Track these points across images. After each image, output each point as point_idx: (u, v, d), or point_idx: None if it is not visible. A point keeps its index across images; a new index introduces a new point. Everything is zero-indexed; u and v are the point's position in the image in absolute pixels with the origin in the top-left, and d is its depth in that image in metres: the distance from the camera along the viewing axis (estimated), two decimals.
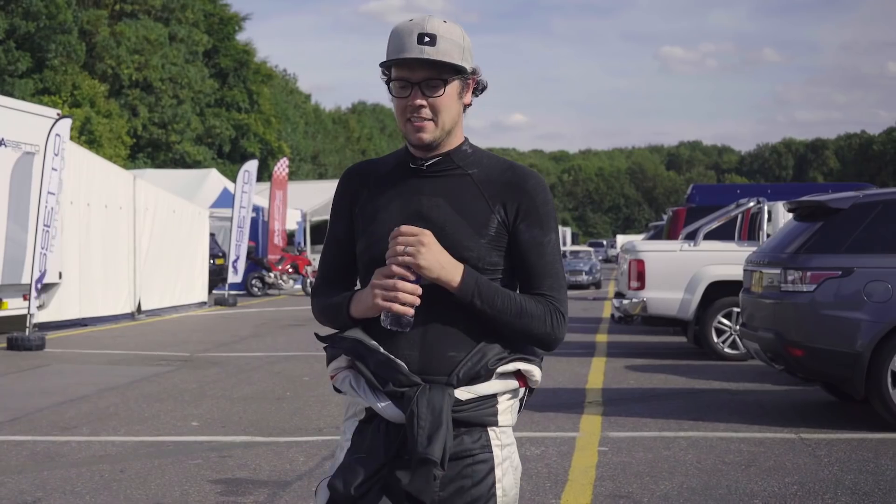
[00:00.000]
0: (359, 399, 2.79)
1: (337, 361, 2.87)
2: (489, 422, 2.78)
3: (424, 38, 2.73)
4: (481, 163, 2.88)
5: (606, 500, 6.41)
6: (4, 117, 15.91)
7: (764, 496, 6.50)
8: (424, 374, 2.72)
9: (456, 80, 2.79)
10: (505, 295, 2.76)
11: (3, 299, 16.17)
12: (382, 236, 2.79)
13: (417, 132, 2.78)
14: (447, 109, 2.79)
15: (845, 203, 9.10)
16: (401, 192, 2.86)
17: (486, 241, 2.78)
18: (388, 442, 2.72)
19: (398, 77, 2.78)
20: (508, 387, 2.81)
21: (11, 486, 6.92)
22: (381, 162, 2.99)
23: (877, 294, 8.62)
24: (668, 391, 11.08)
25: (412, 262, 2.66)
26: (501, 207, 2.81)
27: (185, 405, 10.27)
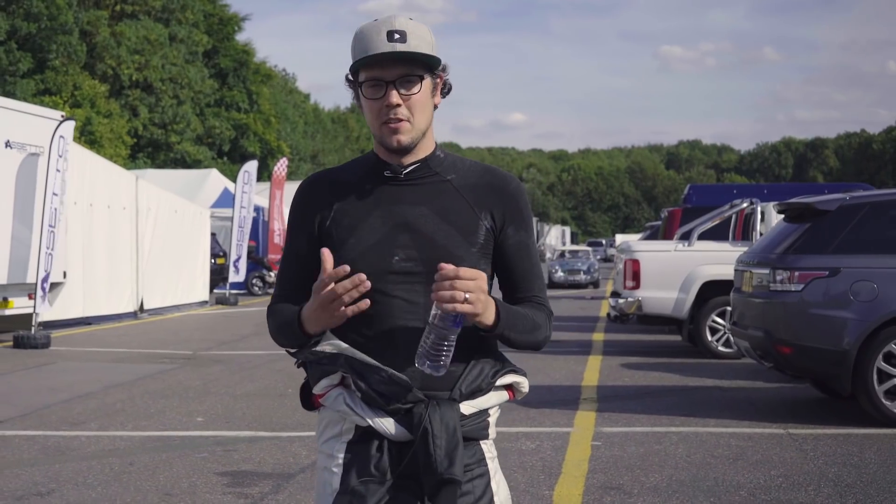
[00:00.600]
0: (355, 418, 2.65)
1: (328, 379, 2.70)
2: (482, 435, 2.73)
3: (394, 36, 2.63)
4: (457, 167, 2.80)
5: (598, 492, 6.66)
6: (10, 119, 16.14)
7: (750, 488, 6.76)
8: (426, 390, 2.62)
9: (428, 77, 2.71)
10: (522, 315, 2.70)
11: (9, 298, 16.40)
12: (364, 252, 2.67)
13: (394, 134, 2.66)
14: (423, 108, 2.70)
15: (832, 205, 9.36)
16: (378, 202, 2.73)
17: (476, 250, 2.70)
18: (393, 462, 2.62)
19: (370, 77, 2.67)
20: (501, 399, 2.77)
21: (26, 477, 7.17)
22: (345, 170, 2.85)
23: (863, 293, 8.87)
24: (662, 388, 11.34)
25: (472, 311, 2.50)
26: (488, 214, 2.74)
27: (190, 401, 10.52)
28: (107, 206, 19.67)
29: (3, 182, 15.92)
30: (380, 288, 2.63)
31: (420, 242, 2.67)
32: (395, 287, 2.65)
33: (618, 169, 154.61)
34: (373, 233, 2.69)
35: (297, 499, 6.54)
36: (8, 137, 16.00)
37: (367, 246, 2.68)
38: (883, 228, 9.21)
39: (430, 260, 2.62)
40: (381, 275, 2.64)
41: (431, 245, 2.67)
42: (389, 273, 2.66)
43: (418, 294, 2.64)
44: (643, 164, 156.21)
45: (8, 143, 16.01)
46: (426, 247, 2.67)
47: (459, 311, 2.46)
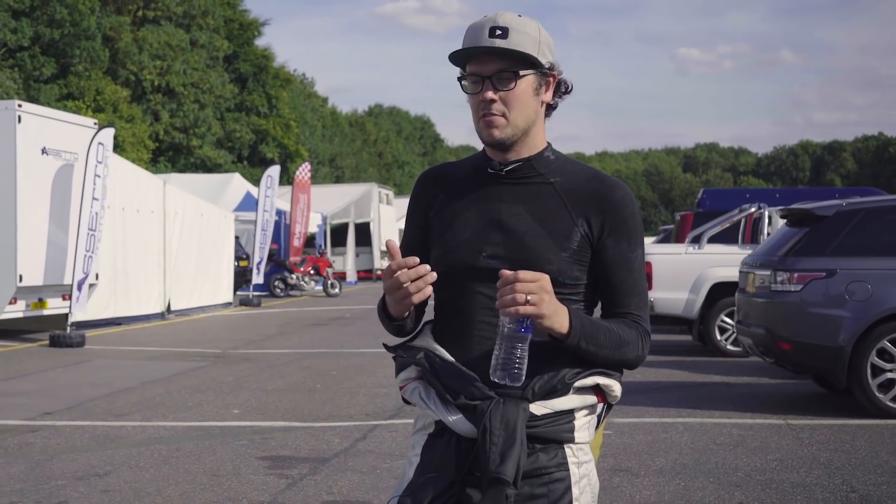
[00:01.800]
0: (429, 411, 2.68)
1: (406, 372, 2.76)
2: (566, 438, 2.65)
3: (496, 31, 2.63)
4: (565, 170, 2.76)
5: (608, 473, 7.27)
6: (46, 127, 16.81)
7: (747, 470, 7.37)
8: (498, 388, 2.59)
9: (530, 74, 2.68)
10: (605, 328, 2.64)
11: (45, 299, 17.08)
12: (457, 246, 2.72)
13: (488, 128, 2.67)
14: (520, 105, 2.67)
15: (830, 211, 9.96)
16: (478, 198, 2.75)
17: (567, 255, 2.66)
18: (460, 457, 2.61)
19: (470, 73, 2.68)
20: (586, 402, 2.68)
21: (82, 461, 7.82)
22: (459, 165, 2.90)
23: (858, 293, 9.46)
24: (671, 384, 11.94)
25: (535, 313, 2.47)
26: (585, 220, 2.69)
27: (225, 395, 11.16)
28: (136, 209, 20.34)
29: (40, 188, 16.59)
30: (465, 283, 2.68)
31: (509, 241, 2.67)
32: (480, 283, 2.66)
33: (635, 171, 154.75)
34: (466, 228, 2.72)
35: (333, 479, 7.17)
36: (44, 145, 16.67)
37: (459, 241, 2.72)
38: (877, 233, 9.79)
39: (516, 260, 2.62)
40: (468, 270, 2.68)
41: (520, 245, 2.66)
42: (476, 269, 2.67)
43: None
44: (660, 167, 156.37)
45: (44, 150, 16.68)
46: (514, 246, 2.66)
47: (522, 312, 2.45)
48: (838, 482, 7.04)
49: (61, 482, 7.12)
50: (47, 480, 7.18)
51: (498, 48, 2.62)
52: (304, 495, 6.74)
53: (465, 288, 2.69)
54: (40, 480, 7.19)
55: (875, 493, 6.74)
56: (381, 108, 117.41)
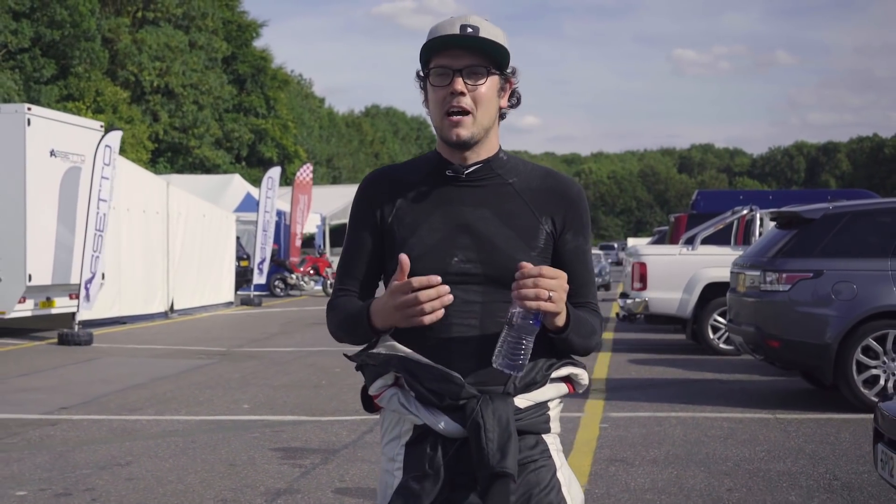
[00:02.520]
0: (410, 417, 2.66)
1: (382, 379, 2.70)
2: (543, 429, 2.72)
3: (468, 29, 2.65)
4: (518, 170, 2.79)
5: (604, 463, 7.67)
6: (54, 130, 17.17)
7: (736, 460, 7.78)
8: (480, 385, 2.62)
9: (496, 74, 2.71)
10: (584, 320, 2.72)
11: (52, 298, 17.44)
12: (425, 252, 2.69)
13: (455, 127, 2.67)
14: (487, 103, 2.69)
15: (817, 214, 10.37)
16: (439, 202, 2.73)
17: (536, 254, 2.70)
18: (448, 460, 2.61)
19: (438, 65, 2.69)
20: (560, 392, 2.75)
21: (103, 452, 8.20)
22: (409, 168, 2.85)
23: (844, 293, 9.87)
24: (665, 380, 12.33)
25: (554, 310, 2.53)
26: (549, 218, 2.74)
27: (233, 391, 11.54)
28: (142, 210, 20.70)
29: (48, 189, 16.95)
30: None
31: (480, 245, 2.68)
32: (453, 288, 2.62)
33: (630, 172, 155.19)
34: (433, 233, 2.70)
35: (344, 468, 7.56)
36: (52, 147, 17.03)
37: (427, 246, 2.69)
38: (862, 235, 10.19)
39: (489, 262, 2.65)
40: (440, 275, 2.61)
41: (491, 247, 2.68)
42: (448, 274, 2.64)
43: (475, 294, 2.66)
44: (656, 168, 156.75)
45: (52, 153, 17.04)
46: (486, 249, 2.67)
47: (543, 308, 2.49)
48: (822, 471, 7.44)
49: (86, 471, 7.50)
50: (72, 469, 7.56)
51: (478, 38, 2.64)
52: (317, 483, 7.13)
53: None
54: (66, 469, 7.57)
55: (856, 480, 7.13)
56: (378, 108, 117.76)
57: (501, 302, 2.64)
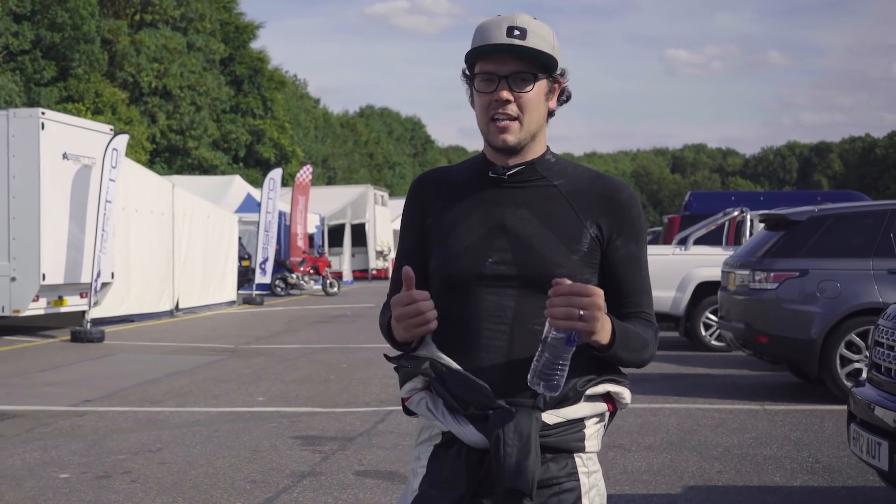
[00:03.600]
0: (436, 422, 2.61)
1: (412, 382, 2.66)
2: (576, 448, 2.61)
3: (514, 32, 2.57)
4: (566, 172, 2.71)
5: (603, 450, 8.15)
6: (66, 133, 17.69)
7: (725, 446, 8.36)
8: (508, 397, 2.54)
9: (544, 79, 2.64)
10: (634, 333, 2.60)
11: (64, 297, 17.96)
12: (461, 252, 2.64)
13: (501, 133, 2.60)
14: (534, 109, 2.63)
15: (803, 216, 10.95)
16: (480, 202, 2.68)
17: (578, 258, 2.61)
18: (470, 469, 2.54)
19: (483, 71, 2.61)
20: (597, 410, 2.64)
21: (133, 440, 8.75)
22: (455, 170, 2.81)
23: (828, 291, 10.44)
24: (659, 375, 12.89)
25: (586, 329, 2.40)
26: (594, 222, 2.64)
27: (247, 385, 12.09)
28: (149, 211, 21.24)
29: (60, 191, 17.48)
30: (470, 290, 2.61)
31: (516, 246, 2.61)
32: (487, 290, 2.60)
33: (623, 173, 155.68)
34: (470, 234, 2.65)
35: (362, 454, 8.12)
36: (65, 150, 17.55)
37: (462, 247, 2.64)
38: (845, 236, 10.76)
39: (525, 264, 2.58)
40: (473, 277, 2.61)
41: (528, 250, 2.60)
42: (482, 275, 2.61)
43: (509, 298, 2.59)
44: (649, 168, 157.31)
45: (65, 155, 17.56)
46: (522, 251, 2.60)
47: (573, 328, 2.38)
48: (805, 455, 8.03)
49: (121, 456, 8.05)
50: (108, 455, 8.11)
51: (523, 47, 2.57)
52: (338, 466, 7.69)
53: (470, 295, 2.60)
54: (101, 455, 8.12)
55: (837, 463, 7.71)
56: (373, 109, 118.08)
57: (536, 307, 2.54)
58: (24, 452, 8.23)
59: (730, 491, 6.93)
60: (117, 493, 6.89)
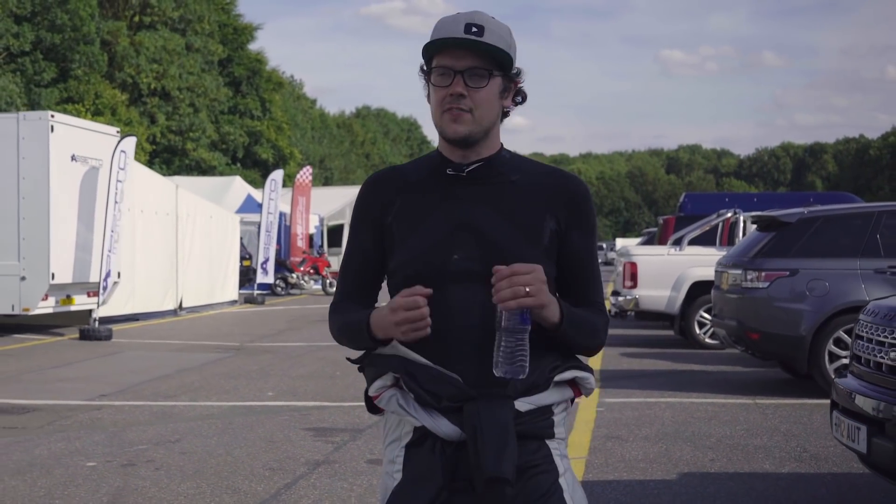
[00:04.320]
0: (409, 418, 2.64)
1: (381, 380, 2.68)
2: (547, 434, 2.68)
3: (472, 28, 2.60)
4: (522, 168, 2.76)
5: (602, 440, 8.65)
6: (75, 136, 18.08)
7: (718, 436, 8.78)
8: (480, 388, 2.58)
9: (499, 76, 2.68)
10: (584, 317, 2.67)
11: (72, 296, 18.35)
12: (425, 250, 2.67)
13: (453, 122, 2.64)
14: (487, 105, 2.66)
15: (793, 218, 11.37)
16: (440, 200, 2.71)
17: (540, 251, 2.65)
18: (446, 463, 2.59)
19: (440, 65, 2.65)
20: (564, 396, 2.72)
21: (152, 432, 9.15)
22: (410, 168, 2.83)
23: (817, 290, 10.86)
24: (655, 371, 13.32)
25: (535, 304, 2.47)
26: (553, 215, 2.70)
27: (256, 381, 12.49)
28: (154, 212, 21.64)
29: (69, 192, 17.86)
30: (437, 287, 2.60)
31: (481, 242, 2.64)
32: (453, 286, 2.63)
33: (618, 173, 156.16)
34: (433, 231, 2.68)
35: (373, 444, 8.51)
36: (73, 152, 17.93)
37: (427, 245, 2.67)
38: (833, 237, 11.18)
39: (490, 260, 2.58)
40: (439, 274, 2.63)
41: (492, 245, 2.64)
42: (448, 272, 2.64)
43: (477, 293, 2.61)
44: (644, 169, 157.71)
45: (73, 157, 17.94)
46: (487, 247, 2.64)
47: (523, 304, 2.45)
48: (794, 445, 8.45)
49: (142, 446, 8.46)
50: (129, 445, 8.52)
51: (481, 42, 2.60)
52: (350, 455, 8.10)
53: (436, 292, 2.59)
54: (123, 445, 8.52)
55: (823, 452, 8.13)
56: (369, 109, 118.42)
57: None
58: (49, 443, 8.63)
59: (721, 477, 7.35)
60: (143, 480, 7.29)
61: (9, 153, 17.28)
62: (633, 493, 6.92)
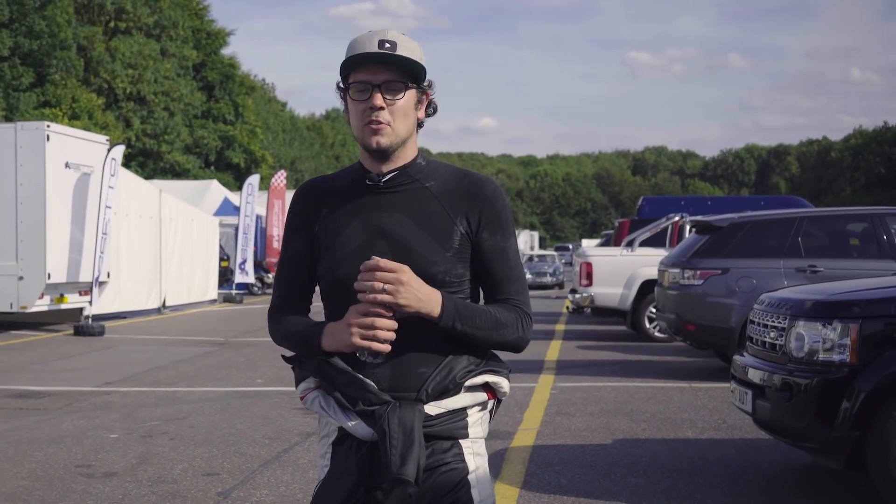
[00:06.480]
0: (329, 419, 2.80)
1: (306, 382, 2.87)
2: (460, 434, 2.80)
3: (385, 44, 2.72)
4: (436, 174, 2.85)
5: (553, 415, 10.04)
6: (68, 144, 19.28)
7: (652, 412, 10.20)
8: (394, 392, 2.72)
9: (414, 88, 2.78)
10: (481, 311, 2.75)
11: (65, 294, 19.56)
12: (345, 257, 2.79)
13: (374, 135, 2.73)
14: (405, 116, 2.77)
15: (725, 223, 12.82)
16: (360, 209, 2.82)
17: (451, 255, 2.76)
18: (362, 461, 2.73)
19: (357, 80, 2.75)
20: (477, 399, 2.81)
21: (160, 411, 10.46)
22: (336, 178, 2.94)
23: (745, 286, 12.29)
24: (606, 361, 14.72)
25: (391, 301, 2.61)
26: (463, 218, 2.79)
27: (245, 370, 13.78)
28: (138, 215, 22.89)
29: (63, 196, 19.08)
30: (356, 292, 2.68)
31: (396, 248, 2.75)
32: None
33: (585, 175, 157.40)
34: (353, 239, 2.80)
35: None
36: (67, 159, 19.15)
37: (346, 252, 2.79)
38: (760, 240, 12.60)
39: (405, 264, 2.67)
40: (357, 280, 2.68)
41: (406, 251, 2.74)
42: None
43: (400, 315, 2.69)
44: (610, 170, 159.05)
45: (67, 164, 19.16)
46: (401, 252, 2.73)
47: (379, 300, 2.60)
48: (716, 418, 9.88)
49: (155, 422, 9.77)
50: (143, 422, 9.82)
51: (395, 55, 2.71)
52: None
53: (355, 297, 2.68)
54: (137, 421, 9.83)
55: (739, 424, 9.54)
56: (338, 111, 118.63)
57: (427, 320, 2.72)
58: (72, 420, 9.92)
59: (650, 442, 8.75)
60: (162, 447, 8.61)
61: (7, 161, 18.50)
62: (574, 453, 8.30)
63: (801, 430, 6.60)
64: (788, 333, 6.71)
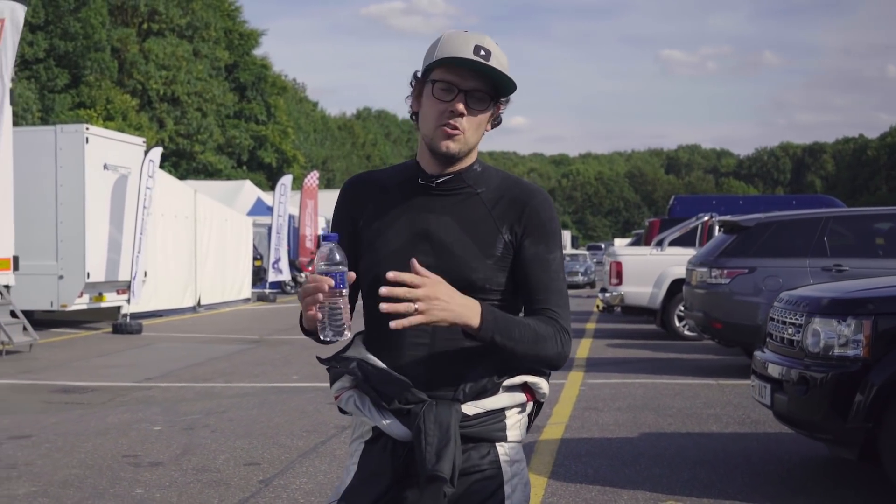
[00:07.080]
0: (364, 418, 2.76)
1: (341, 381, 2.83)
2: (497, 437, 2.75)
3: (481, 51, 2.64)
4: (489, 181, 2.81)
5: (581, 410, 10.30)
6: (106, 146, 19.71)
7: (679, 407, 10.44)
8: (431, 391, 2.69)
9: (492, 105, 2.72)
10: (521, 324, 2.66)
11: (103, 293, 19.97)
12: (387, 255, 2.75)
13: (447, 139, 2.68)
14: (479, 126, 2.72)
15: (752, 223, 13.05)
16: (408, 208, 2.78)
17: (492, 262, 2.73)
18: (395, 460, 2.70)
19: (444, 80, 2.66)
20: (516, 400, 2.78)
21: (200, 406, 10.78)
22: (387, 174, 2.90)
23: (771, 285, 12.50)
24: (635, 359, 14.96)
25: (425, 321, 2.48)
26: (508, 226, 2.75)
27: (280, 367, 14.11)
28: (174, 215, 23.31)
29: (101, 198, 19.50)
30: None
31: (438, 251, 2.73)
32: None
33: (618, 174, 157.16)
34: (397, 238, 2.76)
35: None
36: (105, 161, 19.58)
37: (389, 250, 2.76)
38: (787, 239, 12.82)
39: (445, 269, 2.64)
40: None
41: (449, 255, 2.72)
42: None
43: None
44: (643, 169, 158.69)
45: (105, 166, 19.58)
46: (444, 256, 2.72)
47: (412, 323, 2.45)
48: (741, 413, 10.11)
49: (196, 416, 10.10)
50: (184, 415, 10.15)
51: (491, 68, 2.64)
52: None
53: None
54: (178, 415, 10.16)
55: (763, 419, 9.77)
56: (370, 111, 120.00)
57: None
58: (116, 414, 10.27)
59: (675, 436, 9.00)
60: (204, 438, 8.93)
61: (48, 163, 18.93)
62: (601, 446, 8.57)
63: (817, 422, 6.87)
64: (805, 330, 6.96)
